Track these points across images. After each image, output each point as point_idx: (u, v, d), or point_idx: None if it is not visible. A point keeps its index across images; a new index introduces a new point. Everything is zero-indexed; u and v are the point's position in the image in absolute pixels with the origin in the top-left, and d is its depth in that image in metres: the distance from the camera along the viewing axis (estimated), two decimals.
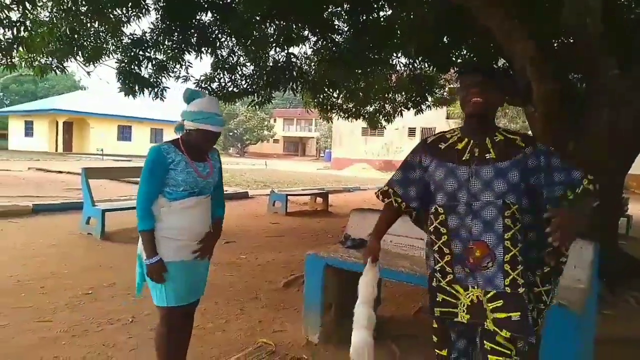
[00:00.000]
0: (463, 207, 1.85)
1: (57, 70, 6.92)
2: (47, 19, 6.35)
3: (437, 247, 1.92)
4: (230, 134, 48.74)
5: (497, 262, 1.77)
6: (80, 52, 6.83)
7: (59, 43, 6.49)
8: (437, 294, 1.93)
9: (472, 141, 1.90)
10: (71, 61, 7.04)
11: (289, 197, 10.41)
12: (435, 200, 1.94)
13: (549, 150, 1.87)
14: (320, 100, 9.81)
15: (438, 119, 28.15)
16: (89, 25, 6.58)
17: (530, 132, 5.84)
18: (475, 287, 1.83)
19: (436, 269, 1.93)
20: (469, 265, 1.83)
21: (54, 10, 6.27)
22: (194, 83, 7.94)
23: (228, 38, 7.76)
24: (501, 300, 1.76)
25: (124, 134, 37.75)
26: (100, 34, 6.96)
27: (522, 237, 1.80)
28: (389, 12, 7.51)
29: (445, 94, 10.93)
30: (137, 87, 7.39)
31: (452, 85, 10.87)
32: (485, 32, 5.60)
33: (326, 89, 9.30)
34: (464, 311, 1.86)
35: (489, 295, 1.79)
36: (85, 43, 6.83)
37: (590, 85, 5.48)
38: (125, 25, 6.78)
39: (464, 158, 1.88)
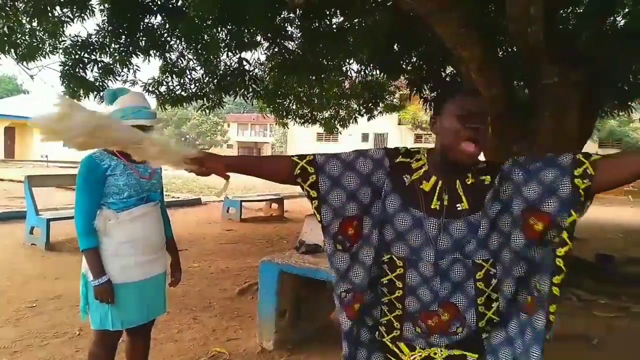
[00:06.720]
0: (429, 267, 1.51)
1: None
2: None
3: (387, 300, 1.58)
4: (183, 138, 47.88)
5: (467, 326, 1.50)
6: (13, 50, 6.54)
7: None
8: (377, 352, 1.63)
9: (440, 182, 1.52)
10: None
11: (243, 203, 10.28)
12: (390, 248, 1.56)
13: (518, 161, 1.49)
14: (276, 105, 9.79)
15: (390, 125, 28.74)
16: (27, 24, 6.32)
17: None
18: (427, 347, 1.56)
19: (382, 322, 1.61)
20: (425, 327, 1.54)
21: None
22: (141, 87, 7.75)
23: (178, 41, 7.63)
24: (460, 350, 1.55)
25: None
26: (37, 33, 6.69)
27: (505, 290, 1.50)
28: (341, 19, 7.58)
29: (395, 100, 11.13)
30: (81, 91, 7.14)
31: (402, 92, 11.10)
32: (434, 39, 5.75)
33: (280, 96, 9.29)
34: None
35: (452, 352, 1.54)
36: (19, 41, 6.55)
37: (533, 91, 5.71)
38: (67, 25, 6.56)
39: (432, 206, 1.51)
